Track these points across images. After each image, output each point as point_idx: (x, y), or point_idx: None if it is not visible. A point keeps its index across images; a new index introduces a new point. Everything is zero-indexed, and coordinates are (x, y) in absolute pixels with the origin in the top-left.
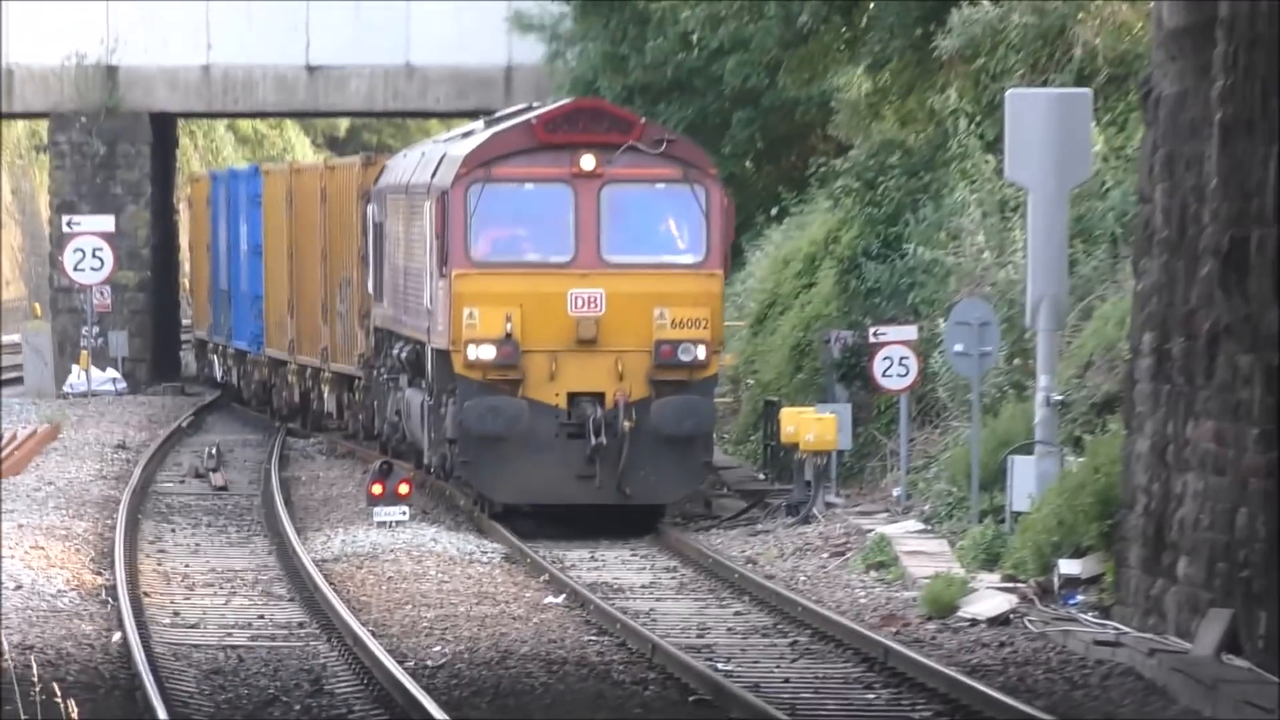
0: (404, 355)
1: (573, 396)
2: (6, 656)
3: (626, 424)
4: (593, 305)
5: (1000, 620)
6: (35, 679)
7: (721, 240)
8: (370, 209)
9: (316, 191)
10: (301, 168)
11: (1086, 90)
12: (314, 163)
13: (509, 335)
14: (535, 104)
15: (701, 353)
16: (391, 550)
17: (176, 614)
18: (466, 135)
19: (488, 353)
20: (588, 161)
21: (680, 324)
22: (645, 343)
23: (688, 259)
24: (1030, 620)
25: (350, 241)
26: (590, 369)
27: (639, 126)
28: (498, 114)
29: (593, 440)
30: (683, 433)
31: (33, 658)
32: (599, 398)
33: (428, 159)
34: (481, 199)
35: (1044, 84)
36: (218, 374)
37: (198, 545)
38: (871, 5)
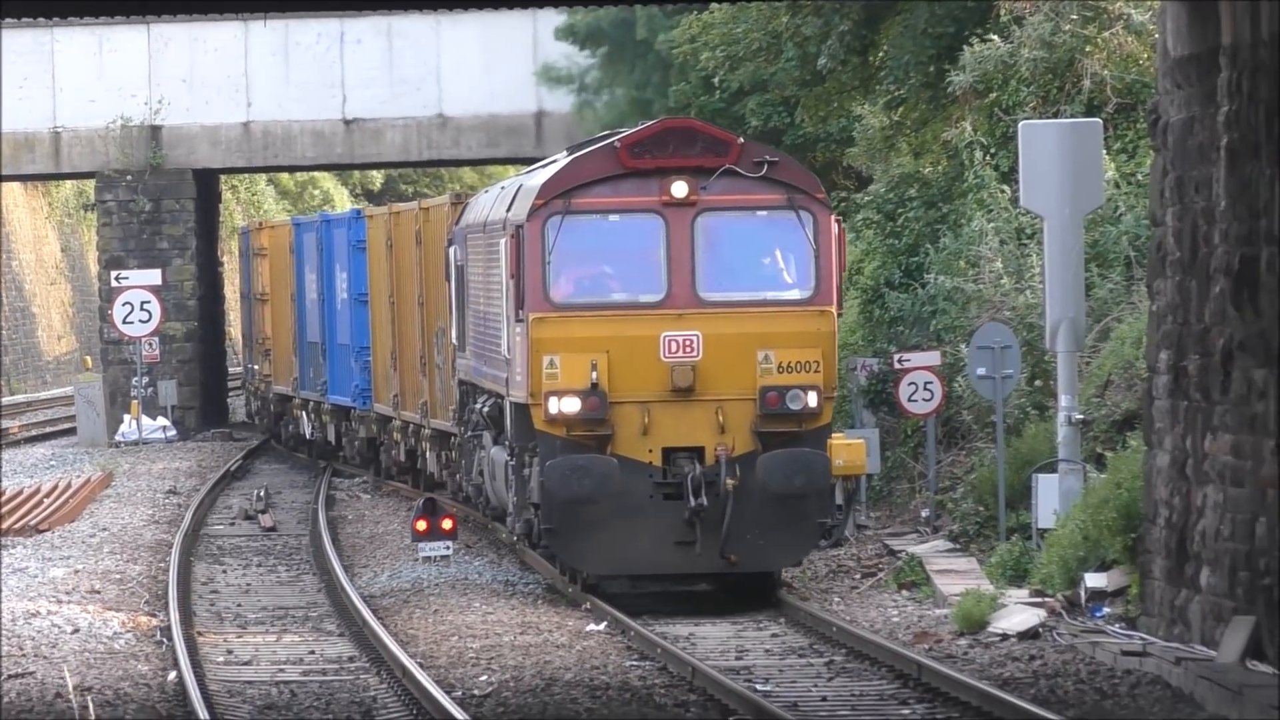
0: (486, 410)
1: (668, 452)
2: (71, 697)
3: (730, 482)
4: (688, 349)
5: (1030, 634)
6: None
7: (833, 272)
8: (452, 251)
9: (412, 235)
10: (400, 210)
11: (1096, 120)
12: (410, 205)
13: (595, 385)
14: (623, 129)
15: (813, 399)
16: (437, 584)
17: (230, 652)
18: (546, 166)
19: (571, 405)
20: (679, 188)
21: (788, 368)
22: (749, 390)
23: (794, 294)
24: (1059, 633)
25: (444, 288)
26: (687, 421)
27: (736, 147)
28: (581, 142)
29: (692, 501)
30: (794, 490)
31: (90, 698)
32: (698, 453)
33: (505, 193)
34: (561, 233)
35: (1055, 115)
36: (306, 431)
37: (249, 585)
38: (886, 46)
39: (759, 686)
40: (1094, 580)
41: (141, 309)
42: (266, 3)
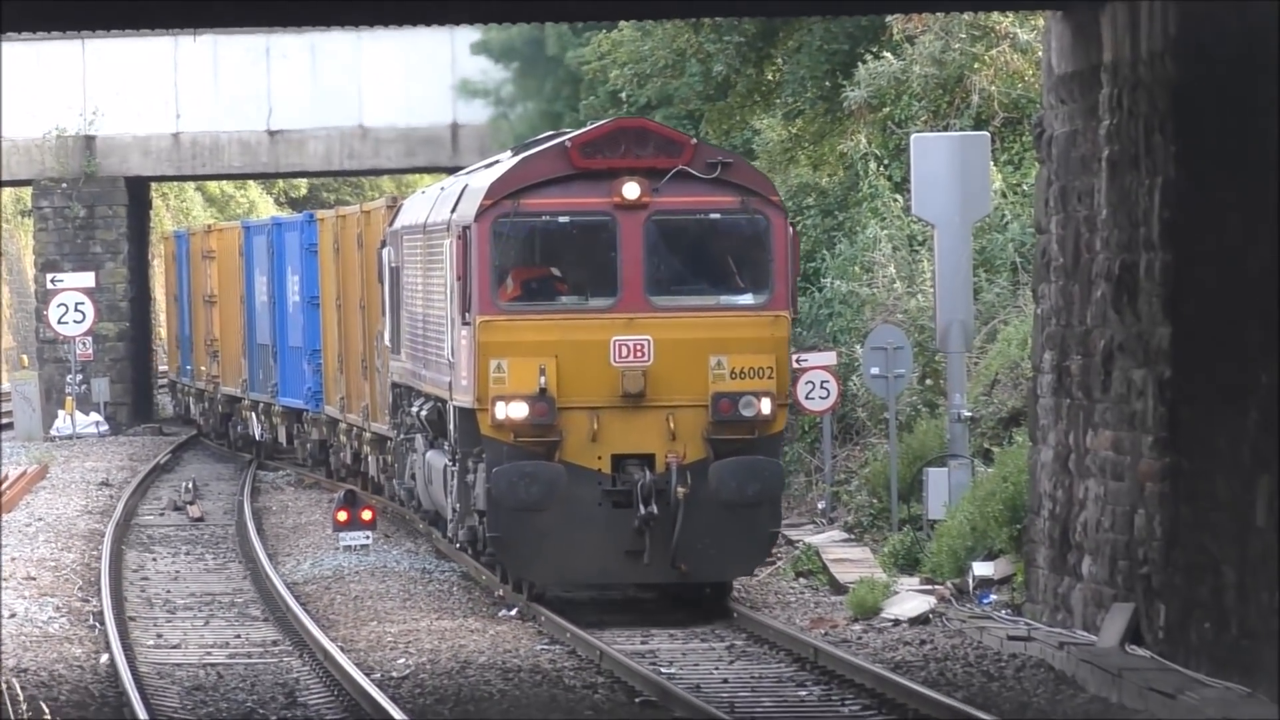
0: (424, 414)
1: (618, 460)
2: (5, 678)
3: (680, 490)
4: (639, 354)
5: (920, 620)
6: (22, 700)
7: (787, 277)
8: (386, 253)
9: (354, 238)
10: (345, 214)
11: (984, 133)
12: (353, 208)
13: (543, 390)
14: (566, 129)
15: (766, 406)
16: (357, 572)
17: (159, 636)
18: (490, 166)
19: (519, 411)
20: (631, 190)
21: (741, 374)
22: (700, 396)
23: (748, 299)
24: (948, 619)
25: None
26: (637, 428)
27: (690, 148)
28: (532, 139)
29: (641, 510)
30: (746, 499)
31: (16, 681)
32: (648, 460)
33: (447, 193)
34: (509, 234)
35: (945, 128)
36: (256, 432)
37: (177, 572)
38: (781, 61)
39: (663, 669)
40: (981, 569)
41: (76, 310)
42: (196, 19)
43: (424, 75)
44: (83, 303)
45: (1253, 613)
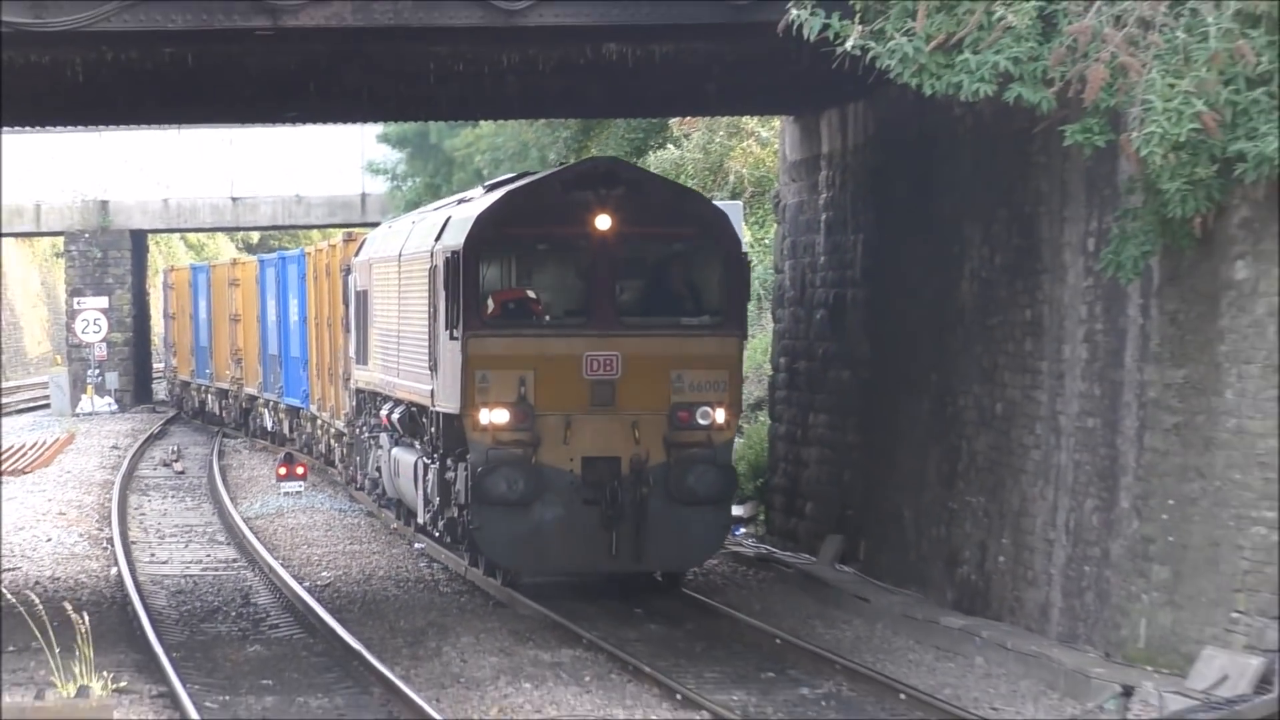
0: (395, 416)
1: (588, 461)
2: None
3: (643, 489)
4: (609, 368)
5: None
6: (36, 600)
7: (739, 301)
8: (351, 279)
9: (324, 269)
10: (323, 248)
11: (738, 202)
12: (331, 243)
13: (522, 398)
14: (533, 172)
15: (720, 416)
16: (293, 510)
17: (153, 555)
18: (464, 202)
19: (500, 416)
20: (603, 221)
21: (698, 387)
22: (662, 406)
23: (705, 320)
24: None
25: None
26: (605, 433)
27: (656, 184)
28: (496, 180)
29: (608, 507)
30: (701, 497)
31: (39, 587)
32: (615, 462)
33: (424, 225)
34: (494, 260)
35: (711, 199)
36: (268, 424)
37: (165, 510)
38: (594, 149)
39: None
40: (735, 510)
41: (94, 324)
42: (181, 116)
43: (342, 157)
44: (99, 318)
45: (925, 544)
